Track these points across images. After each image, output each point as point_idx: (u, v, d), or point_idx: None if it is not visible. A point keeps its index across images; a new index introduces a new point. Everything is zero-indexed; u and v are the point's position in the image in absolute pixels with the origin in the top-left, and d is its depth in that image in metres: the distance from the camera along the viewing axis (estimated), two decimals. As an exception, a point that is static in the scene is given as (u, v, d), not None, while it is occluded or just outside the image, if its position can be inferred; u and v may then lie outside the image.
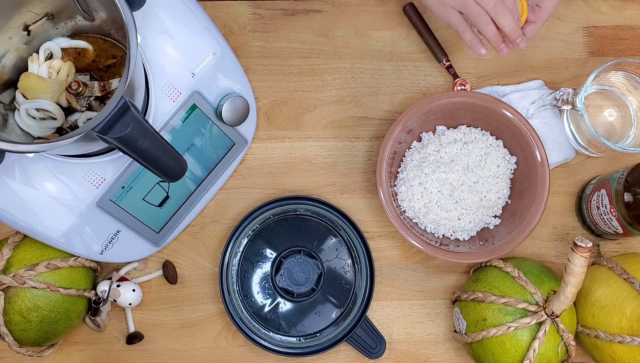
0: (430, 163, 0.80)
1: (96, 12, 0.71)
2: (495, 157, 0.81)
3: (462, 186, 0.80)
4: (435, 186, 0.80)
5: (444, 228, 0.81)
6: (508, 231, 0.80)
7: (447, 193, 0.80)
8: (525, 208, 0.79)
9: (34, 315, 0.73)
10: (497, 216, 0.82)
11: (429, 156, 0.81)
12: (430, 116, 0.81)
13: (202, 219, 0.84)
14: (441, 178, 0.80)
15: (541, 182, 0.78)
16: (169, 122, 0.75)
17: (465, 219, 0.81)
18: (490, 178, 0.81)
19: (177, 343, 0.82)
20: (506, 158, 0.82)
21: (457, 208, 0.81)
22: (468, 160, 0.80)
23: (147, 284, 0.83)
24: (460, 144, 0.81)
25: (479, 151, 0.81)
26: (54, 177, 0.71)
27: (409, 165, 0.81)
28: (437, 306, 0.84)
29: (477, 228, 0.82)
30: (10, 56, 0.71)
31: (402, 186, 0.81)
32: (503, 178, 0.81)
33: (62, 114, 0.70)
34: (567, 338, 0.73)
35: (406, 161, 0.82)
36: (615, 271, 0.75)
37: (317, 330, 0.80)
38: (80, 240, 0.74)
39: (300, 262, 0.81)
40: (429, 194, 0.80)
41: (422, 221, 0.82)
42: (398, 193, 0.82)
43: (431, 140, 0.82)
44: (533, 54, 0.87)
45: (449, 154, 0.81)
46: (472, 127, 0.82)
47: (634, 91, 0.81)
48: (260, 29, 0.87)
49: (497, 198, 0.81)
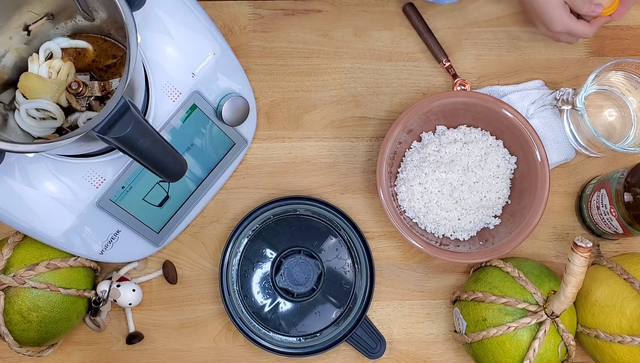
0: (430, 163, 0.80)
1: (96, 12, 0.71)
2: (495, 157, 0.81)
3: (462, 186, 0.80)
4: (436, 186, 0.80)
5: (444, 228, 0.81)
6: (508, 231, 0.80)
7: (447, 193, 0.80)
8: (525, 208, 0.79)
9: (34, 315, 0.73)
10: (497, 216, 0.82)
11: (429, 156, 0.81)
12: (430, 116, 0.81)
13: (202, 219, 0.84)
14: (441, 178, 0.80)
15: (541, 182, 0.78)
16: (169, 122, 0.74)
17: (465, 219, 0.81)
18: (490, 178, 0.80)
19: (177, 343, 0.82)
20: (506, 158, 0.82)
21: (457, 208, 0.80)
22: (468, 160, 0.80)
23: (147, 284, 0.83)
24: (460, 144, 0.81)
25: (479, 151, 0.81)
26: (54, 177, 0.71)
27: (409, 165, 0.81)
28: (437, 306, 0.84)
29: (477, 228, 0.82)
30: (10, 56, 0.71)
31: (402, 186, 0.81)
32: (503, 178, 0.81)
33: (62, 114, 0.70)
34: (567, 338, 0.73)
35: (406, 161, 0.82)
36: (615, 271, 0.75)
37: (317, 330, 0.80)
38: (80, 239, 0.74)
39: (300, 262, 0.81)
40: (429, 194, 0.80)
41: (422, 221, 0.81)
42: (398, 193, 0.81)
43: (431, 140, 0.82)
44: (533, 54, 0.87)
45: (449, 154, 0.80)
46: (472, 127, 0.82)
47: (634, 91, 0.81)
48: (260, 29, 0.87)
49: (497, 198, 0.81)
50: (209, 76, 0.76)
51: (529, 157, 0.79)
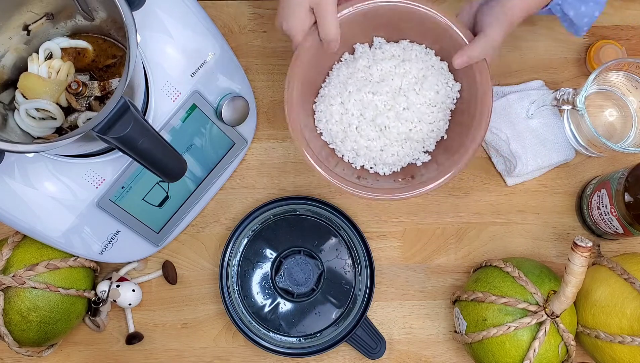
0: (358, 80, 0.70)
1: (96, 12, 0.71)
2: (435, 81, 0.69)
3: (390, 111, 0.69)
4: (358, 108, 0.69)
5: (363, 158, 0.71)
6: (437, 169, 0.70)
7: (369, 118, 0.69)
8: (461, 145, 0.69)
9: (33, 315, 0.73)
10: (429, 152, 0.71)
11: (358, 72, 0.70)
12: (367, 23, 0.69)
13: (202, 220, 0.84)
14: (366, 100, 0.69)
15: (479, 114, 0.67)
16: (169, 122, 0.74)
17: (389, 151, 0.70)
18: (425, 105, 0.69)
19: (177, 344, 0.82)
20: (450, 84, 0.71)
21: (381, 136, 0.70)
22: (402, 81, 0.69)
23: (147, 284, 0.83)
24: (397, 62, 0.69)
25: (417, 71, 0.69)
26: (54, 177, 0.71)
27: (334, 81, 0.71)
28: (437, 307, 0.84)
29: (402, 163, 0.71)
30: (10, 56, 0.71)
31: (322, 103, 0.70)
32: (441, 107, 0.70)
33: (61, 114, 0.70)
34: (568, 338, 0.73)
35: (332, 75, 0.72)
36: (615, 271, 0.75)
37: (317, 331, 0.80)
38: (79, 240, 0.74)
39: (300, 262, 0.81)
40: (349, 117, 0.69)
41: (339, 147, 0.71)
42: (316, 111, 0.71)
43: (365, 54, 0.71)
44: (533, 54, 0.87)
45: (380, 71, 0.69)
46: (415, 43, 0.71)
47: (634, 90, 0.81)
48: (261, 28, 0.87)
49: (430, 130, 0.70)
50: (209, 76, 0.76)
51: (472, 87, 0.69)
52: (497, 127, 0.82)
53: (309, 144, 0.69)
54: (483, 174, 0.85)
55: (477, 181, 0.85)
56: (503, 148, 0.82)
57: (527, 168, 0.81)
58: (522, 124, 0.82)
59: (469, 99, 0.70)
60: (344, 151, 0.71)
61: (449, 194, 0.84)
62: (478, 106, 0.68)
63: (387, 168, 0.71)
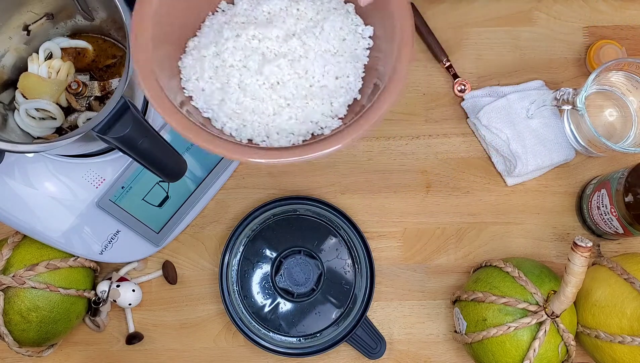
0: (237, 25, 0.55)
1: (96, 12, 0.71)
2: (340, 25, 0.55)
3: (282, 59, 0.53)
4: (238, 58, 0.53)
5: (251, 128, 0.54)
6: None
7: (254, 69, 0.53)
8: (378, 100, 0.55)
9: (33, 315, 0.73)
10: (340, 118, 0.55)
11: (237, 17, 0.56)
12: None
13: (202, 219, 0.84)
14: (248, 46, 0.53)
15: (397, 60, 0.52)
16: (168, 122, 0.74)
17: (285, 114, 0.54)
18: (328, 53, 0.54)
19: (177, 344, 0.82)
20: (359, 30, 0.56)
21: (273, 95, 0.53)
22: (295, 23, 0.54)
23: (147, 284, 0.83)
24: (287, 3, 0.56)
25: (313, 12, 0.55)
26: (54, 177, 0.71)
27: (205, 30, 0.57)
28: (437, 307, 0.84)
29: (304, 131, 0.55)
30: (10, 56, 0.71)
31: (189, 57, 0.55)
32: (350, 58, 0.55)
33: (61, 114, 0.70)
34: (568, 338, 0.73)
35: (204, 26, 0.57)
36: (615, 271, 0.75)
37: (317, 331, 0.80)
38: (79, 240, 0.74)
39: (300, 262, 0.81)
40: (227, 70, 0.53)
41: (216, 114, 0.54)
42: (182, 68, 0.56)
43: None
44: (533, 54, 0.87)
45: (266, 12, 0.56)
46: None
47: (634, 90, 0.81)
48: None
49: (339, 87, 0.55)
50: (209, 76, 0.76)
51: (389, 30, 0.54)
52: (497, 127, 0.82)
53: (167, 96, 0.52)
54: (483, 174, 0.85)
55: (477, 181, 0.85)
56: (503, 148, 0.82)
57: (527, 168, 0.81)
58: (522, 124, 0.82)
59: (386, 49, 0.55)
60: (224, 118, 0.54)
61: (449, 194, 0.85)
62: (395, 50, 0.53)
63: (285, 140, 0.54)
